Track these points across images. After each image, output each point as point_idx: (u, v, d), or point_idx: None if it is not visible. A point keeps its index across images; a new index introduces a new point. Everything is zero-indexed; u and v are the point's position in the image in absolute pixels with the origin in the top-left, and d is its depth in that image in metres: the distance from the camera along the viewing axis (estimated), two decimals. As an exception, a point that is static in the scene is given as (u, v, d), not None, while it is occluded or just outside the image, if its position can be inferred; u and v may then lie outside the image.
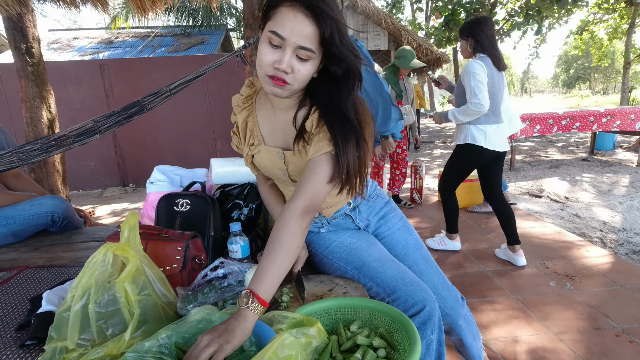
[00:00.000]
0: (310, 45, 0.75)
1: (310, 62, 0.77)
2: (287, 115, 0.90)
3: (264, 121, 0.95)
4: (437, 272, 1.09)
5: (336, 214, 1.05)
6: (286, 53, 0.75)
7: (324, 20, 0.74)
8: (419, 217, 3.24)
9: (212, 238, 1.04)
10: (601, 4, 11.63)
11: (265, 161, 0.94)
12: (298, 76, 0.77)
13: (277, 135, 0.93)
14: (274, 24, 0.74)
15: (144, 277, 0.82)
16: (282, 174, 0.95)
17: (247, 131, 0.96)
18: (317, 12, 0.73)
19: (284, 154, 0.91)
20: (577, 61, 38.39)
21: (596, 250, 2.39)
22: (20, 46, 3.81)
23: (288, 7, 0.73)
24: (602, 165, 5.37)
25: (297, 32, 0.73)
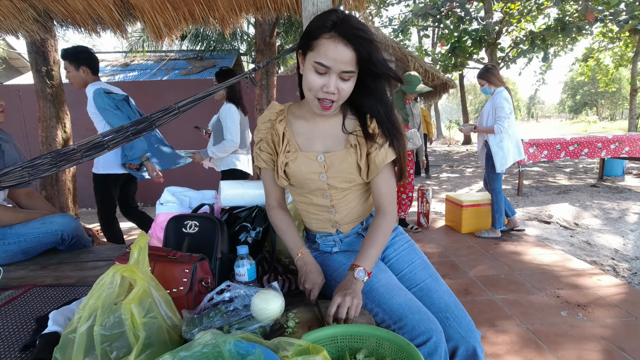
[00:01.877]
0: (351, 67, 0.87)
1: (351, 79, 0.89)
2: (329, 121, 1.01)
3: (299, 131, 1.03)
4: (448, 291, 1.06)
5: (351, 232, 1.09)
6: (332, 78, 0.87)
7: (360, 46, 0.84)
8: (426, 241, 3.20)
9: (219, 260, 1.05)
10: (606, 32, 11.81)
11: (302, 167, 1.01)
12: (343, 94, 0.90)
13: (315, 142, 1.02)
14: (318, 55, 0.85)
15: (150, 300, 0.82)
16: (319, 177, 1.00)
17: (285, 140, 1.03)
18: (355, 40, 0.83)
19: (324, 156, 0.99)
20: (583, 87, 38.60)
21: (609, 279, 2.33)
22: (41, 69, 3.97)
23: (328, 39, 0.84)
24: (612, 191, 5.30)
25: (339, 61, 0.84)
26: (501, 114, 2.91)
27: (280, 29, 15.90)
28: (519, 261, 2.67)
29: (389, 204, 1.01)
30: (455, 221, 3.50)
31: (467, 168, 8.60)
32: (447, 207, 3.63)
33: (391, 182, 1.02)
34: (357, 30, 0.83)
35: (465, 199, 3.36)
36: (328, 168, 0.99)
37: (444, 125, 24.13)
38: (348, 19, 0.84)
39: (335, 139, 1.01)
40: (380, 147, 0.97)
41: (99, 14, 2.83)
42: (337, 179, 1.00)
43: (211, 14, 2.91)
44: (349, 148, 0.99)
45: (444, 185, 6.50)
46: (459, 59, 11.22)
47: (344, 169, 0.99)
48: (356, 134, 0.99)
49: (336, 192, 1.02)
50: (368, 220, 1.10)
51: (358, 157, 0.98)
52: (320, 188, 1.02)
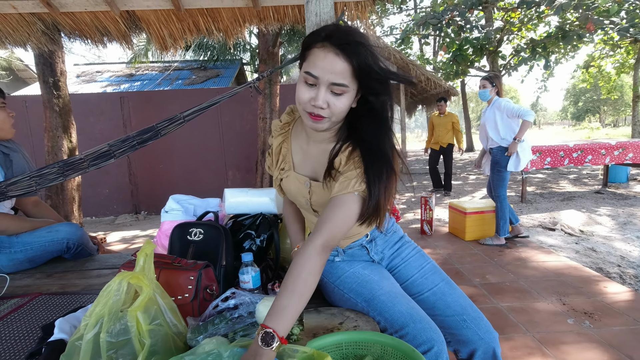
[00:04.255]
0: (343, 80, 0.79)
1: (345, 95, 0.81)
2: (320, 147, 0.95)
3: (297, 149, 1.00)
4: (462, 294, 1.04)
5: (352, 244, 1.07)
6: (320, 90, 0.80)
7: (354, 56, 0.78)
8: (430, 248, 3.19)
9: (223, 268, 1.05)
10: (607, 40, 11.85)
11: (292, 187, 0.99)
12: (334, 110, 0.82)
13: (308, 165, 0.98)
14: (308, 65, 0.80)
15: (156, 307, 0.83)
16: (305, 202, 0.99)
17: (280, 156, 1.02)
18: (347, 50, 0.78)
19: (310, 183, 0.96)
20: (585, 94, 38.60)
21: (615, 286, 2.31)
22: (49, 80, 4.04)
23: (319, 48, 0.79)
24: (617, 198, 5.26)
25: (328, 70, 0.78)
26: (516, 109, 2.94)
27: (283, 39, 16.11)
28: (524, 268, 2.65)
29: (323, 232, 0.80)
30: (458, 228, 3.48)
31: (469, 175, 8.58)
32: (451, 215, 3.63)
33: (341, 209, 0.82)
34: (352, 40, 0.77)
35: (469, 206, 3.35)
36: (312, 195, 0.96)
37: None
38: (343, 28, 0.80)
39: (322, 167, 0.93)
40: (340, 177, 0.84)
41: (106, 26, 2.89)
42: (321, 206, 0.97)
43: (215, 25, 2.95)
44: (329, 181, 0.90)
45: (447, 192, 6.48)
46: (460, 66, 11.28)
47: (325, 200, 0.91)
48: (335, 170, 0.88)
49: None
50: (373, 232, 1.08)
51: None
52: (308, 209, 1.01)
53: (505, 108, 2.99)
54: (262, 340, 0.66)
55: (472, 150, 17.07)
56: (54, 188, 4.16)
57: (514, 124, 3.02)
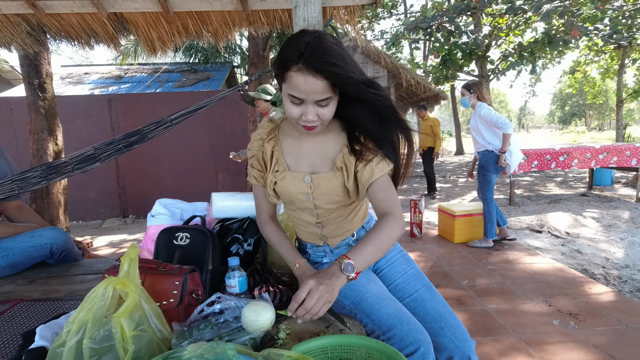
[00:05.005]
0: (326, 95, 0.84)
1: (331, 103, 0.87)
2: (316, 141, 0.99)
3: (288, 150, 1.02)
4: (442, 300, 1.06)
5: (340, 243, 1.08)
6: (308, 107, 0.86)
7: (331, 73, 0.81)
8: (419, 251, 3.21)
9: (210, 272, 1.04)
10: (591, 46, 12.14)
11: (290, 187, 1.00)
12: (324, 117, 0.88)
13: (303, 161, 1.00)
14: (290, 88, 0.84)
15: (140, 312, 0.82)
16: (307, 197, 1.00)
17: (273, 159, 1.03)
18: (323, 71, 0.81)
19: (310, 177, 0.97)
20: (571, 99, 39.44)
21: (599, 287, 2.36)
22: (34, 82, 3.97)
23: (297, 72, 0.82)
24: (602, 200, 5.38)
25: (311, 92, 0.83)
26: (494, 120, 2.96)
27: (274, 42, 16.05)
28: (511, 270, 2.69)
29: (392, 207, 0.94)
30: (448, 231, 3.52)
31: (459, 178, 8.68)
32: (440, 218, 3.66)
33: (388, 189, 0.95)
34: (326, 62, 0.79)
35: (458, 209, 3.39)
36: (314, 189, 0.98)
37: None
38: (316, 46, 0.80)
39: (322, 159, 0.98)
40: (367, 163, 0.93)
41: (93, 28, 2.86)
42: (323, 200, 0.99)
43: (204, 28, 2.94)
44: (335, 170, 0.96)
45: (438, 195, 6.54)
46: (450, 71, 11.43)
47: (330, 191, 0.98)
48: (343, 154, 0.96)
49: (323, 211, 1.02)
50: (359, 232, 1.10)
51: (345, 180, 0.96)
52: (307, 207, 1.02)
53: (485, 116, 3.03)
54: (344, 267, 0.81)
55: (461, 154, 17.27)
56: (38, 192, 4.08)
57: (497, 130, 3.06)
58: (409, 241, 3.55)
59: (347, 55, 0.87)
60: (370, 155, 0.94)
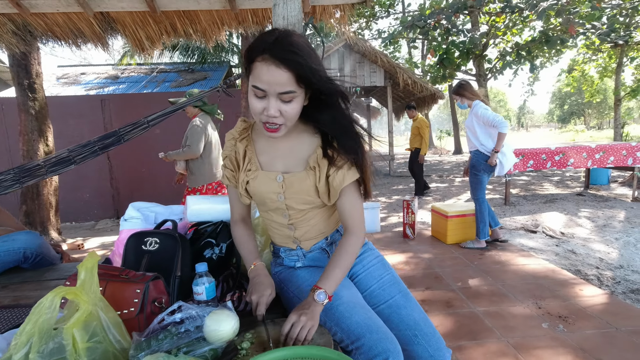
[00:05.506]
0: (289, 88, 0.83)
1: (294, 100, 0.86)
2: (290, 140, 0.98)
3: (262, 149, 1.01)
4: (418, 307, 1.04)
5: (314, 247, 1.06)
6: (271, 101, 0.84)
7: (295, 65, 0.81)
8: (411, 252, 3.18)
9: (178, 279, 1.01)
10: (589, 45, 12.10)
11: (262, 187, 0.99)
12: (287, 115, 0.86)
13: (276, 161, 0.99)
14: (254, 79, 0.84)
15: (96, 323, 0.79)
16: (278, 197, 0.98)
17: (246, 158, 1.02)
18: (287, 62, 0.81)
19: (283, 177, 0.97)
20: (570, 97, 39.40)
21: (591, 289, 2.33)
22: (23, 82, 3.93)
23: (261, 62, 0.82)
24: (597, 200, 5.35)
25: (273, 83, 0.81)
26: (491, 119, 2.93)
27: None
28: (503, 272, 2.66)
29: (354, 224, 0.98)
30: (440, 232, 3.49)
31: (456, 177, 8.65)
32: (433, 218, 3.63)
33: (355, 202, 0.98)
34: (289, 51, 0.80)
35: (451, 210, 3.36)
36: (286, 189, 0.97)
37: (435, 135, 24.36)
38: (282, 39, 0.82)
39: (296, 159, 0.98)
40: (339, 169, 0.94)
41: (80, 28, 2.82)
42: (295, 200, 0.98)
43: (193, 28, 2.91)
44: (308, 170, 0.96)
45: (433, 195, 6.51)
46: (447, 70, 11.39)
47: (302, 191, 0.97)
48: (316, 154, 0.96)
49: (295, 212, 1.00)
50: (333, 236, 1.08)
51: (316, 180, 0.96)
52: (279, 208, 1.00)
53: (482, 116, 3.00)
54: (317, 296, 0.88)
55: (460, 153, 17.24)
56: (29, 193, 4.05)
57: (492, 130, 3.03)
58: (402, 242, 3.52)
59: (314, 53, 0.88)
60: (341, 161, 0.94)
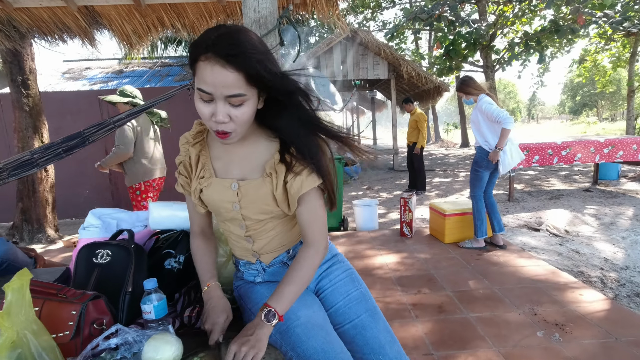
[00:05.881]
0: (238, 90, 0.74)
1: (245, 103, 0.77)
2: (246, 145, 0.90)
3: (217, 154, 0.93)
4: (385, 327, 0.97)
5: (274, 261, 0.98)
6: (218, 106, 0.76)
7: (243, 64, 0.73)
8: (407, 252, 3.09)
9: (129, 295, 0.94)
10: (602, 34, 11.71)
11: (215, 195, 0.91)
12: (238, 120, 0.78)
13: (232, 167, 0.91)
14: (198, 81, 0.75)
15: (23, 350, 0.72)
16: (233, 206, 0.91)
17: (199, 164, 0.94)
18: (232, 60, 0.72)
19: (238, 184, 0.89)
20: (582, 88, 38.47)
21: (592, 294, 2.22)
22: (17, 79, 3.89)
23: (204, 62, 0.73)
24: (606, 196, 5.17)
25: (219, 85, 0.73)
26: (495, 114, 2.81)
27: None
28: (500, 274, 2.56)
29: (313, 235, 0.90)
30: (438, 231, 3.39)
31: (461, 172, 8.48)
32: (431, 216, 3.53)
33: (316, 211, 0.90)
34: (236, 49, 0.71)
35: (449, 208, 3.25)
36: (242, 197, 0.89)
37: (442, 128, 24.01)
38: (228, 35, 0.73)
39: (252, 165, 0.90)
40: (297, 175, 0.86)
41: (65, 22, 2.76)
42: (251, 209, 0.90)
43: (181, 21, 2.83)
44: (264, 177, 0.88)
45: (436, 190, 6.39)
46: (453, 61, 11.13)
47: (259, 200, 0.88)
48: (273, 160, 0.88)
49: (252, 222, 0.92)
50: (297, 248, 1.00)
51: (273, 188, 0.87)
52: (234, 218, 0.92)
53: (486, 111, 2.88)
54: (265, 316, 0.81)
55: (467, 146, 16.97)
56: (24, 190, 4.04)
57: (497, 126, 2.89)
58: (399, 240, 3.43)
59: (267, 51, 0.78)
60: (299, 167, 0.87)
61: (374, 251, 3.14)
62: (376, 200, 4.03)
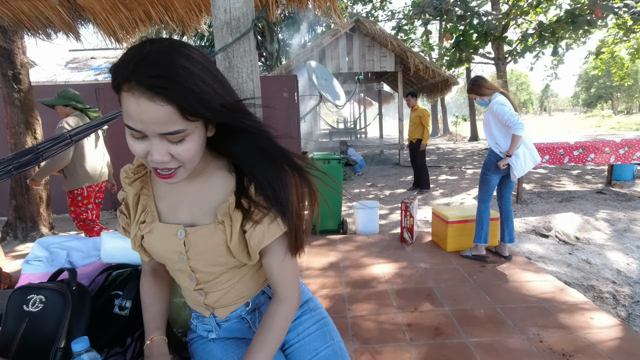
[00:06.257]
0: (174, 127, 0.59)
1: (188, 139, 0.62)
2: (195, 182, 0.75)
3: (162, 193, 0.77)
4: None
5: (231, 315, 0.83)
6: (153, 143, 0.61)
7: (175, 95, 0.56)
8: (406, 261, 2.94)
9: (61, 352, 0.81)
10: (621, 24, 11.20)
11: (158, 243, 0.76)
12: (183, 158, 0.64)
13: (180, 209, 0.75)
14: (124, 115, 0.61)
15: None
16: (180, 258, 0.75)
17: (139, 206, 0.78)
18: (162, 92, 0.56)
19: (185, 232, 0.73)
20: (597, 80, 37.37)
21: (603, 317, 2.05)
22: (7, 73, 3.78)
23: (128, 93, 0.57)
24: (620, 199, 4.93)
25: (149, 121, 0.58)
26: (505, 118, 2.61)
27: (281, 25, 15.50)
28: (504, 290, 2.39)
29: (285, 289, 0.77)
30: (440, 238, 3.22)
31: (468, 169, 8.24)
32: (433, 222, 3.36)
33: (284, 261, 0.76)
34: (163, 77, 0.56)
35: (452, 214, 3.08)
36: (190, 247, 0.74)
37: (450, 121, 23.55)
38: (154, 58, 0.57)
39: (204, 207, 0.75)
40: (257, 224, 0.71)
41: (47, 16, 2.61)
42: (201, 261, 0.75)
43: (169, 15, 2.66)
44: (217, 224, 0.73)
45: (441, 189, 6.19)
46: (463, 53, 10.79)
47: (210, 250, 0.74)
48: (228, 204, 0.72)
49: (204, 275, 0.78)
50: (257, 299, 0.85)
51: (227, 238, 0.72)
52: (182, 270, 0.78)
53: (497, 112, 2.68)
54: None
55: (475, 140, 16.62)
56: (18, 188, 3.96)
57: (508, 130, 2.68)
58: (398, 247, 3.27)
59: (206, 71, 0.61)
60: (259, 215, 0.72)
61: (371, 259, 2.99)
62: (377, 203, 3.87)
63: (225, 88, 0.64)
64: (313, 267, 2.85)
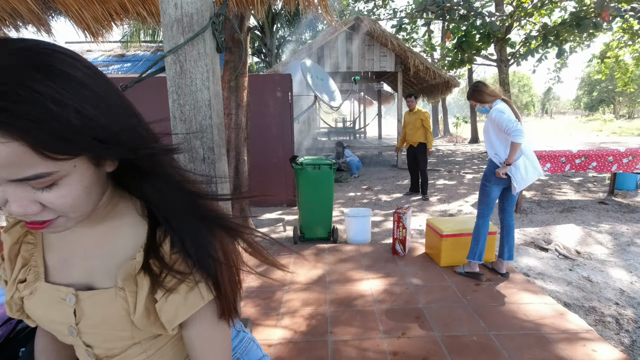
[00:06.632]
0: (32, 170, 0.42)
1: (61, 182, 0.45)
2: (96, 228, 0.56)
3: (52, 244, 0.59)
4: None
5: None
6: (7, 190, 0.43)
7: (21, 128, 0.39)
8: (397, 276, 2.77)
9: None
10: (626, 28, 11.00)
11: (40, 309, 0.57)
12: (59, 208, 0.46)
13: (75, 264, 0.57)
14: None
15: None
16: (69, 331, 0.56)
17: (19, 259, 0.59)
18: (3, 125, 0.38)
19: (76, 297, 0.55)
20: (600, 84, 37.16)
21: (606, 349, 1.87)
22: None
23: None
24: (623, 210, 4.76)
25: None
26: (504, 125, 2.44)
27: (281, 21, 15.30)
28: (499, 314, 2.22)
29: None
30: (434, 251, 3.05)
31: (467, 174, 8.07)
32: (427, 234, 3.19)
33: (211, 334, 0.58)
34: (6, 103, 0.37)
35: (447, 227, 2.90)
36: (81, 318, 0.56)
37: (451, 122, 23.35)
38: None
39: (104, 263, 0.56)
40: (170, 292, 0.54)
41: (14, 7, 2.43)
42: (97, 337, 0.57)
43: (146, 8, 2.47)
44: (118, 289, 0.54)
45: (438, 194, 6.01)
46: (465, 54, 10.59)
47: (108, 323, 0.55)
48: (134, 263, 0.54)
49: (103, 351, 0.59)
50: None
51: (131, 309, 0.54)
52: (75, 344, 0.60)
53: (495, 119, 2.51)
54: None
55: (476, 142, 16.44)
56: None
57: (508, 138, 2.51)
58: (389, 260, 3.10)
59: (79, 89, 0.42)
60: (173, 281, 0.54)
61: (360, 273, 2.82)
62: (370, 211, 3.69)
63: (112, 111, 0.46)
64: (298, 280, 2.68)
